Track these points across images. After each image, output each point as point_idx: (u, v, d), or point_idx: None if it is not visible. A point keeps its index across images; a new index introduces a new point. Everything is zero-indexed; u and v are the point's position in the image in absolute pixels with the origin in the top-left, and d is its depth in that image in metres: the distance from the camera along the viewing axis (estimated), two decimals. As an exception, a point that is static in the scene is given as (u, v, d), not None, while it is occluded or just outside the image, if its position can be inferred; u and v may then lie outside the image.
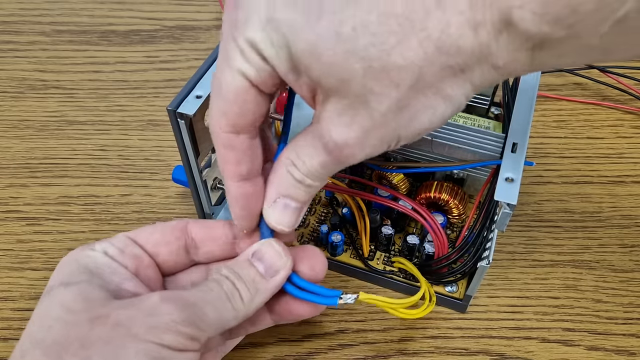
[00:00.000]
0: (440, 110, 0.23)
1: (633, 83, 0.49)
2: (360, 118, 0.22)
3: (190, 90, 0.32)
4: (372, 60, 0.20)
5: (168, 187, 0.43)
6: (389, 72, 0.21)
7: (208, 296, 0.26)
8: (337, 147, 0.24)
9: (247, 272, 0.27)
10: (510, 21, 0.19)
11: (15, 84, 0.51)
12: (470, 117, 0.40)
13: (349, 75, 0.21)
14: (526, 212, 0.42)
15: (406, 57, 0.20)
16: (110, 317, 0.24)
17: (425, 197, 0.38)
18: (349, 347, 0.35)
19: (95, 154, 0.45)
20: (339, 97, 0.22)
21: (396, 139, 0.24)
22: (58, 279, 0.26)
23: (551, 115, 0.48)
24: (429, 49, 0.20)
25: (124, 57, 0.53)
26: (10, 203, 0.42)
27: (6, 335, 0.35)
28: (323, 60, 0.21)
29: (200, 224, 0.30)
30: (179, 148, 0.33)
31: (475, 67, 0.21)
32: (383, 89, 0.21)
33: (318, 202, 0.40)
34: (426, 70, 0.21)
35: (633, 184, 0.43)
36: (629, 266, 0.39)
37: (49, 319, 0.25)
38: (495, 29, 0.20)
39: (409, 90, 0.21)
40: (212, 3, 0.59)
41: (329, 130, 0.23)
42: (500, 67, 0.21)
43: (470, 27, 0.20)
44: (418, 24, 0.20)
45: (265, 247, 0.28)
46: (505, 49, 0.20)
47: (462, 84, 0.22)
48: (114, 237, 0.29)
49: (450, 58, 0.21)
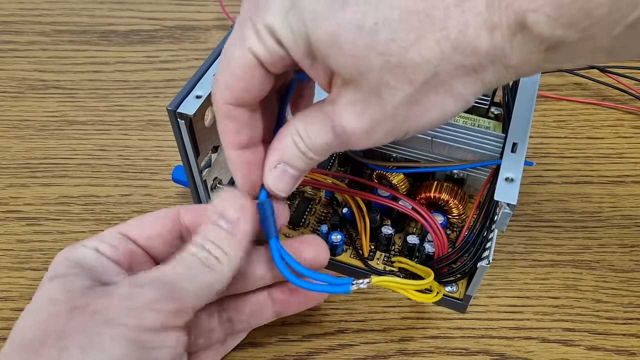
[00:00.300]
0: (450, 107, 0.23)
1: (633, 83, 0.49)
2: (372, 110, 0.23)
3: (190, 90, 0.32)
4: (391, 55, 0.21)
5: (168, 187, 0.43)
6: (405, 68, 0.21)
7: (180, 267, 0.26)
8: (344, 133, 0.24)
9: (212, 233, 0.27)
10: (524, 24, 0.20)
11: (15, 84, 0.51)
12: (470, 117, 0.40)
13: (367, 69, 0.21)
14: (526, 212, 0.42)
15: (423, 55, 0.21)
16: (88, 306, 0.24)
17: (425, 197, 0.38)
18: (349, 347, 0.35)
19: (95, 154, 0.45)
20: (354, 87, 0.23)
21: (404, 132, 0.24)
22: (48, 275, 0.26)
23: (551, 115, 0.48)
24: (446, 49, 0.21)
25: (124, 57, 0.53)
26: (10, 203, 0.42)
27: (6, 335, 0.35)
28: (343, 51, 0.21)
29: (191, 210, 0.30)
30: (179, 148, 0.33)
31: (489, 67, 0.21)
32: (397, 84, 0.22)
33: (318, 202, 0.40)
34: (441, 69, 0.21)
35: (633, 184, 0.43)
36: (629, 266, 0.39)
37: (29, 312, 0.25)
38: (510, 31, 0.20)
39: (422, 86, 0.22)
40: (212, 3, 0.59)
41: (341, 115, 0.24)
42: (512, 66, 0.21)
43: (487, 28, 0.20)
44: (438, 22, 0.20)
45: (222, 203, 0.28)
46: (519, 51, 0.21)
47: (474, 82, 0.22)
48: (105, 233, 0.28)
49: (466, 58, 0.21)
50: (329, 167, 0.43)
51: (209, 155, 0.37)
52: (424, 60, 0.21)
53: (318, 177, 0.39)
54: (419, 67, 0.21)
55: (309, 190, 0.41)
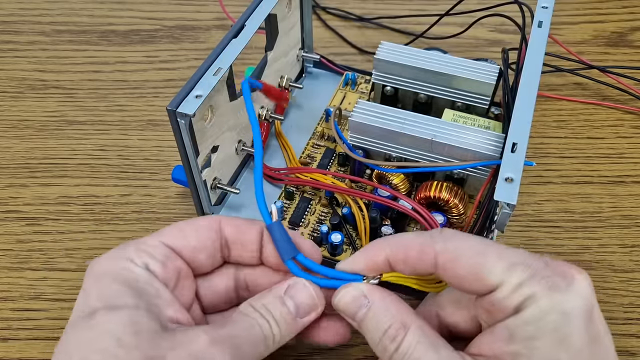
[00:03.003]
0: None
1: (633, 83, 0.49)
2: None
3: (190, 90, 0.32)
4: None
5: (168, 187, 0.43)
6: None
7: (249, 335, 0.26)
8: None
9: (279, 311, 0.27)
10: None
11: (15, 84, 0.51)
12: (470, 117, 0.40)
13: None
14: (526, 212, 0.42)
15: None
16: (165, 359, 0.23)
17: (425, 197, 0.37)
18: (349, 347, 0.35)
19: (95, 154, 0.45)
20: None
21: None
22: (100, 299, 0.25)
23: (551, 115, 0.48)
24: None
25: (123, 57, 0.53)
26: (10, 203, 0.42)
27: (6, 336, 0.35)
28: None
29: (233, 224, 0.29)
30: (178, 148, 0.33)
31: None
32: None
33: (318, 202, 0.40)
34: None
35: (633, 184, 0.43)
36: (629, 266, 0.39)
37: (95, 351, 0.23)
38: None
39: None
40: (212, 3, 0.59)
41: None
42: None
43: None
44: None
45: (299, 287, 0.28)
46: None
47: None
48: (151, 244, 0.27)
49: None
50: (329, 167, 0.43)
51: (208, 155, 0.37)
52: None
53: (318, 177, 0.39)
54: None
55: (309, 190, 0.41)
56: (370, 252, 0.28)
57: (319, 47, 0.54)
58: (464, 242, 0.26)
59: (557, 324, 0.23)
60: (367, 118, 0.38)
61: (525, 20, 0.40)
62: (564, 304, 0.23)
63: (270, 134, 0.44)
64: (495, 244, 0.25)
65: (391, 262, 0.27)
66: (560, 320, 0.23)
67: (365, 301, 0.27)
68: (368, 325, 0.26)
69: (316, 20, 0.57)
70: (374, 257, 0.27)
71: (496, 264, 0.24)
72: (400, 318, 0.26)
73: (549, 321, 0.23)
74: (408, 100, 0.44)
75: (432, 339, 0.25)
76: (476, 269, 0.24)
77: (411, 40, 0.51)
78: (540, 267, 0.24)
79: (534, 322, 0.23)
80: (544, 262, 0.24)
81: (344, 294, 0.27)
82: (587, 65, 0.49)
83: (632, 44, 0.54)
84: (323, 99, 0.47)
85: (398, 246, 0.27)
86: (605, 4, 0.58)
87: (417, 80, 0.42)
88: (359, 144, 0.40)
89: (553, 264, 0.25)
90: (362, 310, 0.26)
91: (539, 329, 0.23)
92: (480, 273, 0.24)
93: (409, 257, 0.26)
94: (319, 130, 0.45)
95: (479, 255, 0.25)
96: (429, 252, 0.26)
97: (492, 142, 0.36)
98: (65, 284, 0.38)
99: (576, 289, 0.24)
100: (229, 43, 0.35)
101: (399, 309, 0.26)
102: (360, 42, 0.55)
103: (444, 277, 0.26)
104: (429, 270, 0.26)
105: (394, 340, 0.25)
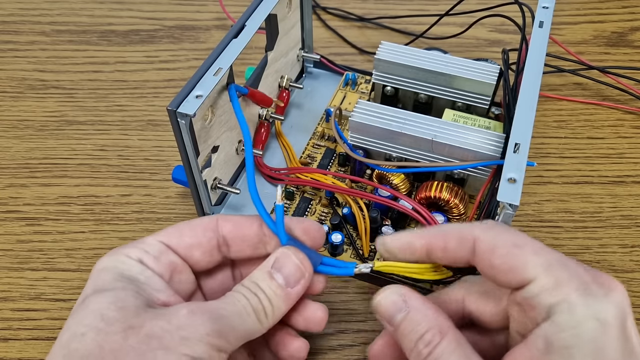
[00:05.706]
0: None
1: (633, 83, 0.49)
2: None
3: (190, 90, 0.32)
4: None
5: (168, 187, 0.43)
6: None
7: (234, 308, 0.26)
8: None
9: (267, 285, 0.27)
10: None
11: (15, 84, 0.51)
12: (470, 117, 0.40)
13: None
14: (526, 212, 0.42)
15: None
16: (143, 327, 0.24)
17: (425, 197, 0.37)
18: (349, 347, 0.35)
19: (95, 154, 0.45)
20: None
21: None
22: (92, 287, 0.26)
23: (551, 115, 0.48)
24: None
25: (123, 57, 0.53)
26: (10, 203, 0.42)
27: (6, 336, 0.35)
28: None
29: (230, 221, 0.30)
30: (179, 148, 0.33)
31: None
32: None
33: (318, 202, 0.40)
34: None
35: (633, 184, 0.43)
36: (629, 266, 0.39)
37: (82, 327, 0.24)
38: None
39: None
40: (212, 3, 0.59)
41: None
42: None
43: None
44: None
45: (284, 258, 0.28)
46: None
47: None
48: (147, 242, 0.28)
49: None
50: (330, 167, 0.43)
51: (209, 155, 0.37)
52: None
53: (318, 177, 0.39)
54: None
55: (309, 190, 0.41)
56: (410, 235, 0.28)
57: (319, 47, 0.54)
58: (502, 232, 0.26)
59: (594, 334, 0.22)
60: (368, 118, 0.38)
61: (526, 20, 0.40)
62: (601, 313, 0.23)
63: (271, 134, 0.44)
64: (534, 241, 0.25)
65: (429, 250, 0.27)
66: (598, 329, 0.23)
67: (403, 305, 0.27)
68: (405, 329, 0.26)
69: (316, 20, 0.57)
70: (414, 240, 0.28)
71: (532, 259, 0.24)
72: (438, 324, 0.26)
73: (586, 330, 0.23)
74: (408, 101, 0.44)
75: (466, 351, 0.25)
76: (511, 260, 0.24)
77: (411, 40, 0.51)
78: (581, 272, 0.24)
79: (570, 330, 0.23)
80: (584, 268, 0.24)
81: (383, 297, 0.27)
82: (587, 66, 0.49)
83: (632, 44, 0.54)
84: (323, 99, 0.47)
85: (438, 234, 0.27)
86: (605, 4, 0.58)
87: (417, 80, 0.42)
88: (360, 144, 0.40)
89: (592, 271, 0.24)
90: (400, 314, 0.26)
91: (576, 337, 0.23)
92: (515, 265, 0.24)
93: (448, 245, 0.27)
94: (319, 130, 0.45)
95: (516, 247, 0.25)
96: (468, 238, 0.26)
97: (492, 142, 0.36)
98: (66, 284, 0.38)
99: (613, 298, 0.23)
100: (229, 43, 0.35)
101: (437, 316, 0.26)
102: (360, 42, 0.55)
103: (480, 265, 0.26)
104: (466, 258, 0.26)
105: (429, 345, 0.25)
